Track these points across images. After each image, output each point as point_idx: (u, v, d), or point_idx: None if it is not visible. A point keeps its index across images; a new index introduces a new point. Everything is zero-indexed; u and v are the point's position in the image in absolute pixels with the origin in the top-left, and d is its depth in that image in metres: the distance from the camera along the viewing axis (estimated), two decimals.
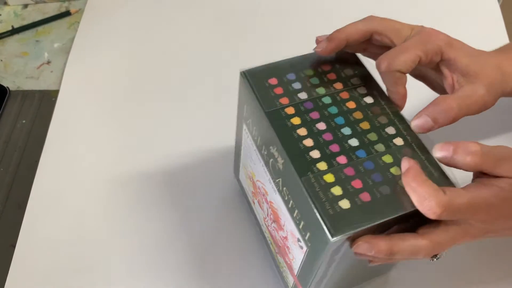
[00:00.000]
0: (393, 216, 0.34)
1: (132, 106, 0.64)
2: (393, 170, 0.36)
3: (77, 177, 0.58)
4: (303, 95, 0.40)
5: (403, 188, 0.35)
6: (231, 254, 0.51)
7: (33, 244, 0.54)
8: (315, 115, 0.39)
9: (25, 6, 0.78)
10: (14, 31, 0.74)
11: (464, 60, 0.41)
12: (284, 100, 0.40)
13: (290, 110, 0.39)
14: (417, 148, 0.38)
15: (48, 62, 0.71)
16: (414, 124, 0.39)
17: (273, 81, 0.41)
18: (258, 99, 0.40)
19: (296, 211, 0.38)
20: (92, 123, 0.63)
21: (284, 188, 0.39)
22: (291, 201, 0.38)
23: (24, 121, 0.64)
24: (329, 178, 0.36)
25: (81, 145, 0.61)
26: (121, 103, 0.65)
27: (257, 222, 0.52)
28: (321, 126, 0.39)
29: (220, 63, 0.67)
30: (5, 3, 0.77)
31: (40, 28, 0.75)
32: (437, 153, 0.35)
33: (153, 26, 0.73)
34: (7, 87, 0.67)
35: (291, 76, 0.42)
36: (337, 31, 0.42)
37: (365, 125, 0.39)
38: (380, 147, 0.38)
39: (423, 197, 0.33)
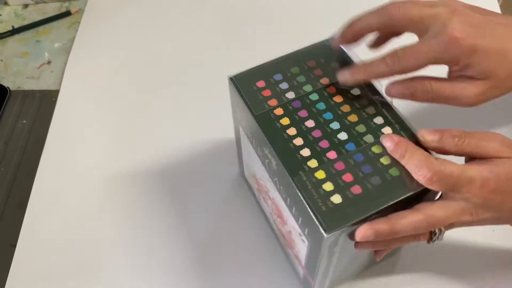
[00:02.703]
0: (384, 206, 0.35)
1: (132, 106, 0.64)
2: (383, 160, 0.37)
3: (77, 177, 0.58)
4: (290, 95, 0.41)
5: (393, 177, 0.36)
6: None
7: (33, 244, 0.54)
8: (303, 113, 0.40)
9: (26, 6, 0.78)
10: (15, 31, 0.74)
11: (483, 65, 0.38)
12: (273, 102, 0.40)
13: (279, 111, 0.40)
14: (406, 136, 0.38)
15: (49, 62, 0.71)
16: (388, 90, 0.40)
17: (261, 83, 0.42)
18: (247, 103, 0.41)
19: (293, 208, 0.38)
20: (92, 123, 0.63)
21: (281, 187, 0.39)
22: (288, 199, 0.39)
23: (24, 121, 0.64)
24: (320, 174, 0.36)
25: (81, 145, 0.61)
26: (121, 103, 0.65)
27: (265, 217, 0.52)
28: (310, 123, 0.39)
29: (220, 62, 0.67)
30: (6, 3, 0.77)
31: (40, 28, 0.75)
32: (427, 135, 0.36)
33: (153, 25, 0.73)
34: (8, 87, 0.67)
35: (277, 76, 0.42)
36: (350, 26, 0.41)
37: (353, 118, 0.39)
38: (369, 138, 0.38)
39: (416, 166, 0.34)
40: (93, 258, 0.52)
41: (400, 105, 0.40)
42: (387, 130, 0.38)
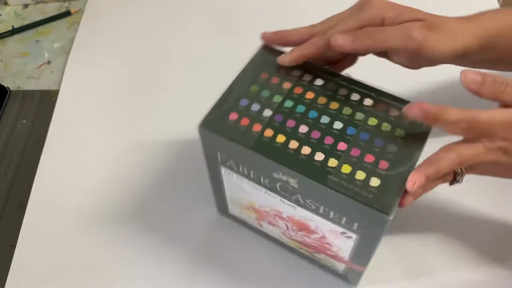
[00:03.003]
0: (416, 162, 0.37)
1: (132, 106, 0.64)
2: (384, 128, 0.38)
3: (77, 177, 0.58)
4: (267, 112, 0.40)
5: (403, 137, 0.38)
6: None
7: (33, 244, 0.54)
8: (291, 123, 0.39)
9: (25, 6, 0.78)
10: (14, 31, 0.74)
11: (410, 14, 0.41)
12: (257, 127, 0.39)
13: (269, 132, 0.39)
14: (386, 99, 0.40)
15: (48, 62, 0.71)
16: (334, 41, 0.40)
17: (233, 116, 0.40)
18: (236, 141, 0.39)
19: (331, 213, 0.38)
20: (92, 123, 0.63)
21: (308, 200, 0.39)
22: (321, 207, 0.39)
23: (24, 121, 0.64)
24: (346, 168, 0.36)
25: (81, 145, 0.61)
26: (121, 103, 0.65)
27: (270, 239, 0.51)
28: (303, 129, 0.39)
29: (220, 63, 0.67)
30: (6, 3, 0.77)
31: (40, 28, 0.75)
32: (469, 75, 0.36)
33: (153, 25, 0.73)
34: (7, 87, 0.67)
35: (243, 102, 0.41)
36: (299, 48, 0.42)
37: (334, 105, 0.40)
38: (359, 116, 0.39)
39: (454, 121, 0.36)
40: (92, 259, 0.52)
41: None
42: (368, 101, 0.40)
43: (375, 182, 0.36)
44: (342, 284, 0.49)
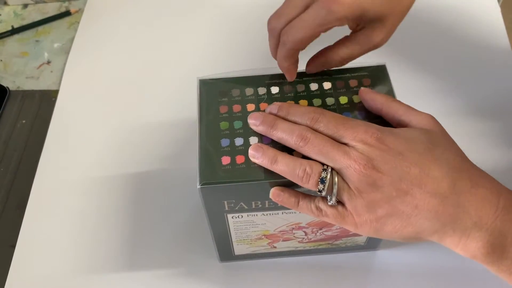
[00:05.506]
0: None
1: (132, 106, 0.64)
2: (355, 99, 0.41)
3: (76, 177, 0.58)
4: (254, 140, 0.39)
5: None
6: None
7: (33, 244, 0.54)
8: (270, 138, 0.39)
9: (25, 6, 0.77)
10: (14, 31, 0.74)
11: (374, 9, 0.39)
12: (257, 160, 0.37)
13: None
14: (340, 75, 0.42)
15: (48, 62, 0.71)
16: (308, 70, 0.43)
17: (226, 160, 0.38)
18: (246, 180, 0.37)
19: None
20: (92, 123, 0.63)
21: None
22: None
23: (24, 121, 0.64)
24: None
25: (81, 145, 0.61)
26: (120, 103, 0.65)
27: (282, 255, 0.51)
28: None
29: (221, 62, 0.67)
30: (5, 3, 0.77)
31: (40, 28, 0.75)
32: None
33: (152, 25, 0.73)
34: (7, 87, 0.67)
35: (225, 142, 0.39)
36: (288, 40, 0.40)
37: (303, 103, 0.41)
38: (330, 101, 0.41)
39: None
40: (92, 259, 0.52)
41: None
42: (327, 85, 0.42)
43: None
44: (364, 254, 0.51)
